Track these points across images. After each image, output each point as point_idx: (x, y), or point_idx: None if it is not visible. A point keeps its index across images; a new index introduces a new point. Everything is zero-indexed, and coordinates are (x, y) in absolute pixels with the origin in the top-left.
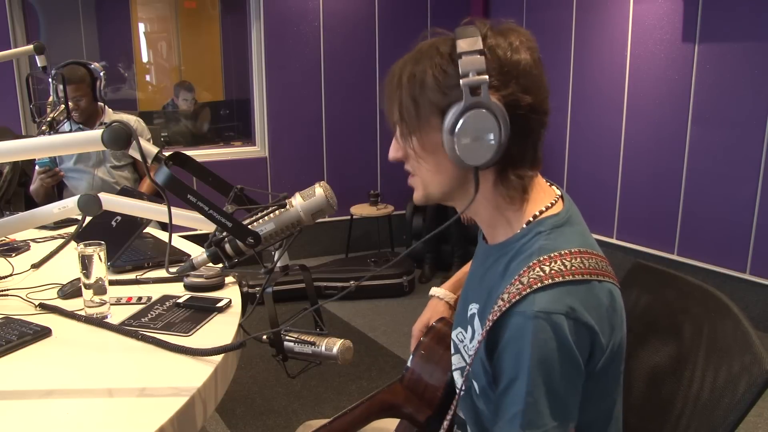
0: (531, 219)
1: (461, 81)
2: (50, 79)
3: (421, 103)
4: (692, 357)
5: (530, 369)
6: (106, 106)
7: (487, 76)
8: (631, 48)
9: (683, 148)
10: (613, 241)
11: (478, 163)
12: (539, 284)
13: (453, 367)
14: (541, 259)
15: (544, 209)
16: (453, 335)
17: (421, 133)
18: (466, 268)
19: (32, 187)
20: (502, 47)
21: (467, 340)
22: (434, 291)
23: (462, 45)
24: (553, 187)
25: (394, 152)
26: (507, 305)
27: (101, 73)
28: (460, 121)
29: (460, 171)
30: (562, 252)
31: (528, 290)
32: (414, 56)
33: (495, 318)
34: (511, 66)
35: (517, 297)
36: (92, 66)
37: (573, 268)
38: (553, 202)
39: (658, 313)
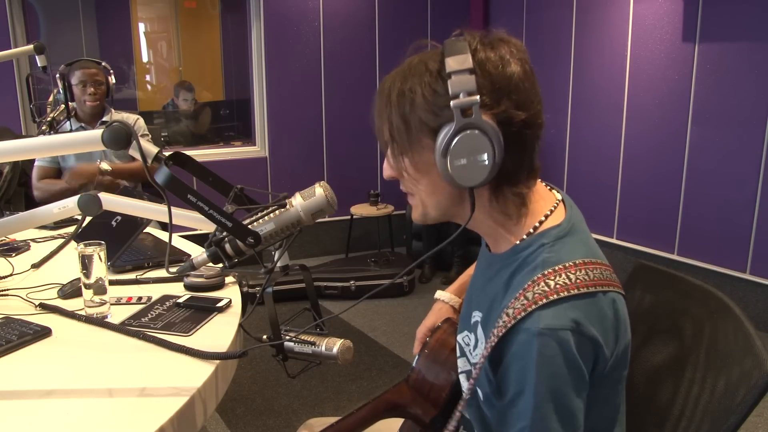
0: (532, 230)
1: (452, 102)
2: (58, 75)
3: (412, 123)
4: (693, 358)
5: (537, 384)
6: (112, 108)
7: (477, 97)
8: (631, 48)
9: (683, 148)
10: (613, 241)
11: (473, 184)
12: (545, 300)
13: (459, 370)
14: (546, 273)
15: (544, 219)
16: (459, 338)
17: (413, 153)
18: (471, 270)
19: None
20: (492, 62)
21: (472, 346)
22: (439, 294)
23: (451, 63)
24: (553, 191)
25: (388, 171)
26: (512, 321)
27: (111, 71)
28: (453, 143)
29: (455, 190)
30: (567, 264)
31: (534, 306)
32: (403, 72)
33: (500, 334)
34: (503, 82)
35: (523, 313)
36: (103, 64)
37: (578, 281)
38: (553, 208)
39: (659, 313)
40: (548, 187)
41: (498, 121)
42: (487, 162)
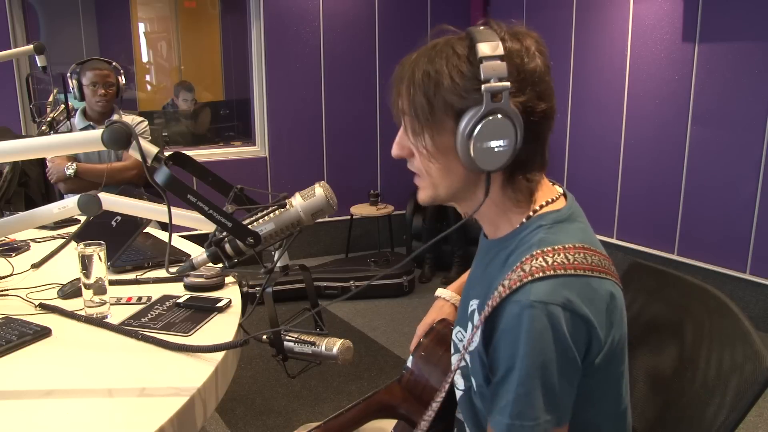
0: (531, 214)
1: (483, 86)
2: (69, 73)
3: (435, 104)
4: (692, 357)
5: (525, 358)
6: (120, 108)
7: (509, 83)
8: (631, 48)
9: (683, 148)
10: (613, 241)
11: (492, 168)
12: (541, 273)
13: (452, 367)
14: (545, 250)
15: (544, 204)
16: (453, 335)
17: (433, 133)
18: None
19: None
20: (519, 53)
21: (466, 339)
22: (440, 292)
23: (483, 48)
24: (555, 186)
25: (398, 150)
26: (507, 291)
27: (121, 71)
28: (479, 126)
29: (470, 174)
30: (566, 245)
31: (529, 278)
32: (428, 53)
33: (494, 304)
34: (528, 73)
35: (518, 284)
36: (114, 64)
37: (575, 262)
38: (554, 198)
39: (658, 313)
40: (551, 182)
41: (521, 110)
42: (508, 148)
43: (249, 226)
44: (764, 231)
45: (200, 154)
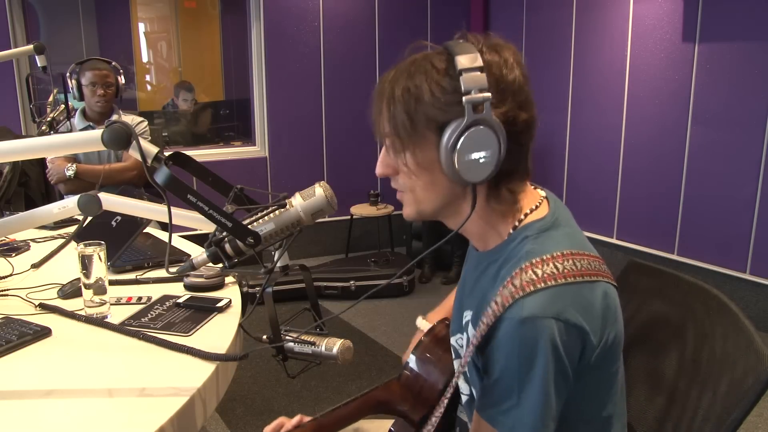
0: (517, 224)
1: (464, 98)
2: (68, 73)
3: (417, 119)
4: (692, 357)
5: (519, 371)
6: (119, 108)
7: (489, 94)
8: (631, 48)
9: (683, 148)
10: (613, 241)
11: (477, 180)
12: (532, 288)
13: (455, 372)
14: (534, 261)
15: (528, 212)
16: (453, 341)
17: (415, 149)
18: (452, 295)
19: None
20: (497, 64)
21: (465, 346)
22: (421, 324)
23: (462, 61)
24: (538, 189)
25: (383, 168)
26: (501, 309)
27: (120, 71)
28: (462, 138)
29: (454, 187)
30: (554, 254)
31: (521, 293)
32: (406, 69)
33: (489, 322)
34: (508, 83)
35: (510, 300)
36: (113, 64)
37: (565, 270)
38: (537, 204)
39: (658, 313)
40: (533, 187)
41: (503, 120)
42: (492, 159)
43: (249, 226)
44: (764, 231)
45: (200, 154)
